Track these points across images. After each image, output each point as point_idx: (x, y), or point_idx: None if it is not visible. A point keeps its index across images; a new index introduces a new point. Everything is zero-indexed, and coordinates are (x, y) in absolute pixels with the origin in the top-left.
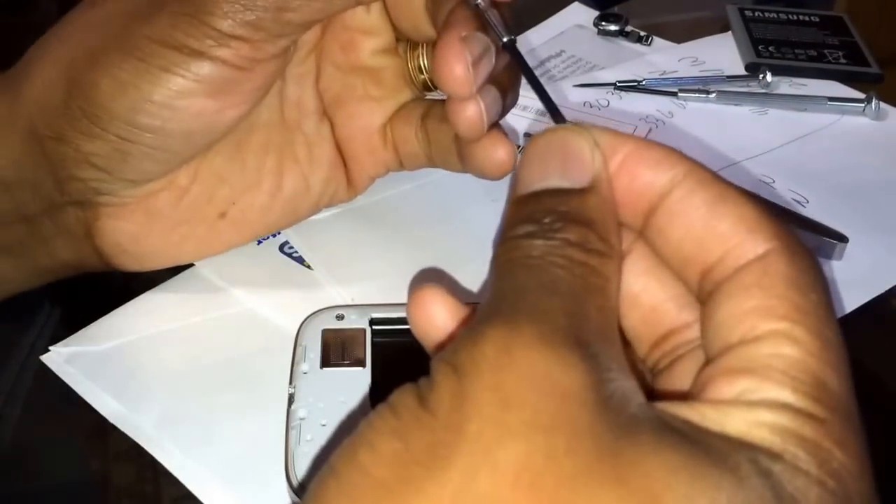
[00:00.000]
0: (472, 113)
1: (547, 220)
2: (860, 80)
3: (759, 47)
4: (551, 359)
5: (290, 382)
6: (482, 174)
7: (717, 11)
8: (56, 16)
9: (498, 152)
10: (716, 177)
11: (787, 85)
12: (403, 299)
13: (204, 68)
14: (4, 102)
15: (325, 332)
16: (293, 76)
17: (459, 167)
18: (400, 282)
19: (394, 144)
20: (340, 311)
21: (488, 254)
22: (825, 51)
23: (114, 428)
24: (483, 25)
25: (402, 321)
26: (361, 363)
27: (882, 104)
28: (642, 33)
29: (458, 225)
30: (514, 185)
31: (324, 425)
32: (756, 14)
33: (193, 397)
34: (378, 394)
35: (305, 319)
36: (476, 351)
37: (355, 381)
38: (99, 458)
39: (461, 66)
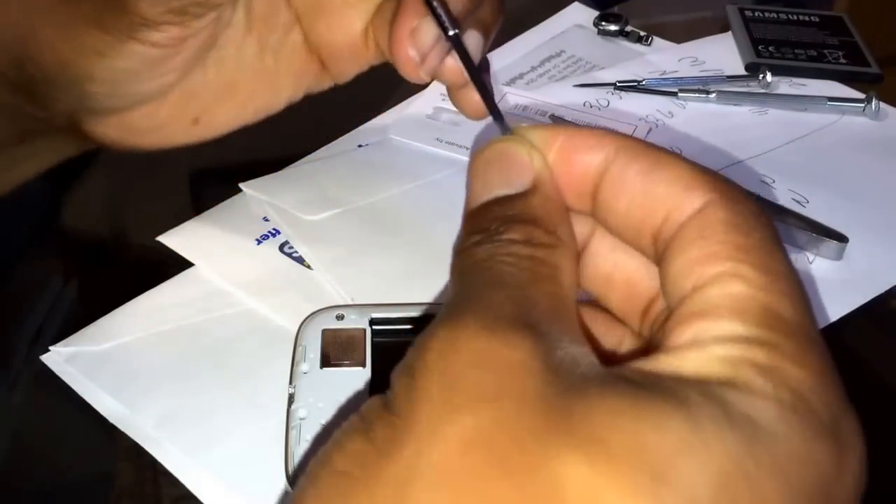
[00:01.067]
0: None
1: (493, 227)
2: (860, 80)
3: (759, 47)
4: (494, 341)
5: (290, 382)
6: (461, 112)
7: (717, 11)
8: None
9: (475, 96)
10: (648, 146)
11: (787, 85)
12: (403, 299)
13: (136, 50)
14: None
15: (325, 332)
16: None
17: None
18: (400, 282)
19: (376, 44)
20: (340, 311)
21: None
22: (825, 51)
23: (114, 428)
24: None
25: (402, 321)
26: (361, 363)
27: (882, 104)
28: (642, 33)
29: (458, 225)
30: (466, 203)
31: (324, 425)
32: (756, 14)
33: (193, 397)
34: (378, 393)
35: (305, 319)
36: (424, 350)
37: (355, 381)
38: (99, 458)
39: (413, 58)
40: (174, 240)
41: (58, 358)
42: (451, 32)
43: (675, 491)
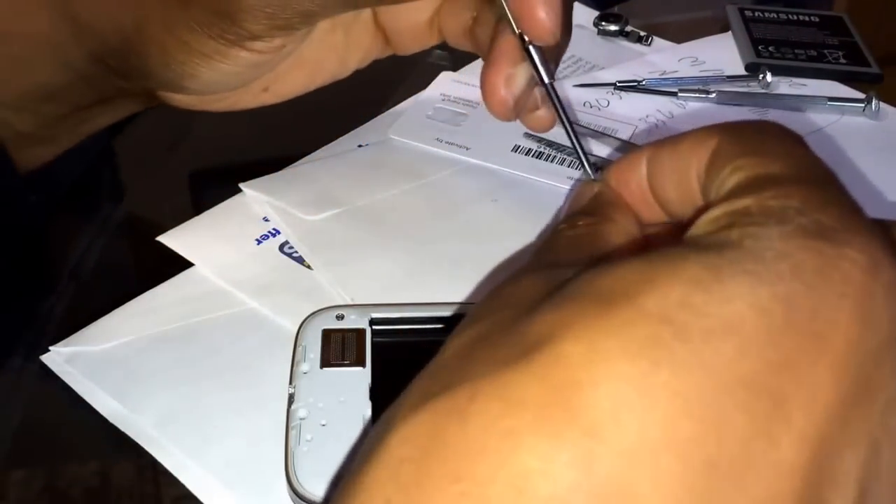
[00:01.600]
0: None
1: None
2: (860, 80)
3: (759, 47)
4: (520, 271)
5: (290, 382)
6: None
7: (717, 11)
8: None
9: (541, 121)
10: (669, 139)
11: (786, 85)
12: (403, 299)
13: (241, 56)
14: (69, 20)
15: (325, 331)
16: None
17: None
18: (400, 282)
19: (439, 30)
20: (340, 311)
21: (488, 253)
22: (825, 51)
23: (114, 428)
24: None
25: (402, 321)
26: (361, 363)
27: (882, 104)
28: (642, 33)
29: (459, 225)
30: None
31: (324, 425)
32: (756, 14)
33: (193, 397)
34: (378, 393)
35: (305, 319)
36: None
37: (355, 381)
38: (99, 458)
39: (507, 102)
40: (174, 240)
41: (57, 358)
42: (547, 81)
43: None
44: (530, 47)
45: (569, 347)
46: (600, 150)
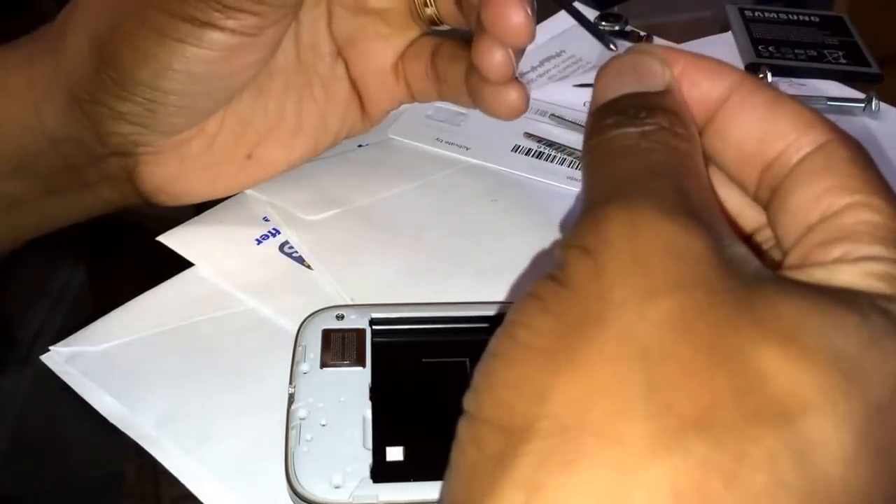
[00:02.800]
0: (501, 59)
1: (632, 111)
2: (860, 80)
3: (759, 47)
4: (675, 228)
5: (290, 382)
6: (495, 115)
7: (717, 11)
8: (55, 16)
9: (511, 94)
10: (768, 85)
11: (786, 85)
12: (403, 299)
13: (215, 37)
14: (48, 65)
15: (325, 331)
16: (307, 20)
17: (470, 104)
18: (400, 282)
19: (406, 81)
20: (340, 311)
21: (488, 253)
22: (825, 51)
23: (114, 428)
24: None
25: (402, 321)
26: (361, 363)
27: (882, 104)
28: (642, 33)
29: (458, 225)
30: (591, 103)
31: (324, 425)
32: (756, 14)
33: (193, 397)
34: (378, 393)
35: (305, 319)
36: (602, 230)
37: (355, 381)
38: (99, 458)
39: (522, 14)
40: (174, 240)
41: (58, 358)
42: None
43: (866, 394)
44: None
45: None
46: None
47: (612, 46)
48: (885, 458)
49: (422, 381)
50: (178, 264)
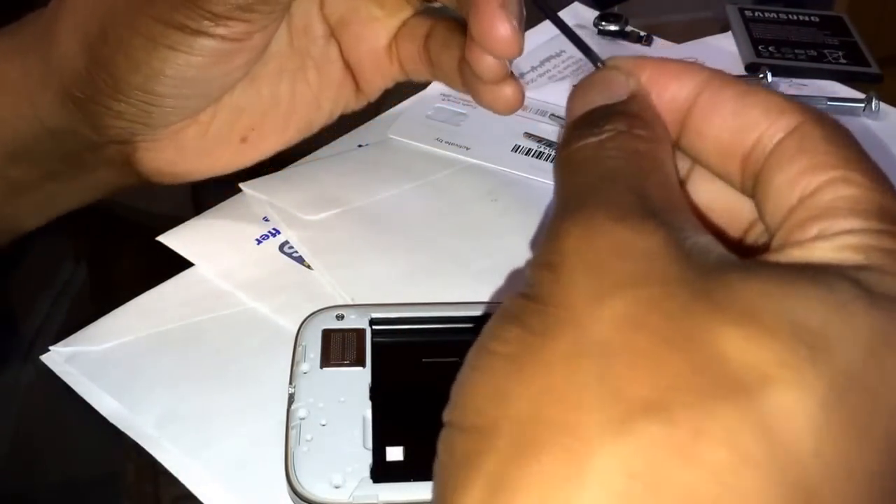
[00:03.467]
0: (492, 63)
1: (594, 122)
2: (860, 80)
3: (759, 47)
4: (626, 231)
5: (290, 382)
6: (490, 109)
7: (717, 11)
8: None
9: (505, 90)
10: (736, 78)
11: (786, 85)
12: (403, 299)
13: (206, 44)
14: (40, 60)
15: (325, 331)
16: (299, 4)
17: (462, 89)
18: (400, 282)
19: (399, 61)
20: (340, 311)
21: (488, 253)
22: (825, 51)
23: (114, 428)
24: None
25: (402, 321)
26: (361, 363)
27: (882, 104)
28: (642, 33)
29: (459, 225)
30: (565, 121)
31: (324, 425)
32: (756, 14)
33: (193, 397)
34: (378, 393)
35: (305, 319)
36: (560, 244)
37: (355, 381)
38: (99, 458)
39: (509, 29)
40: (174, 240)
41: (58, 358)
42: None
43: (831, 362)
44: None
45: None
46: None
47: (598, 64)
48: (862, 426)
49: (421, 381)
50: (179, 264)
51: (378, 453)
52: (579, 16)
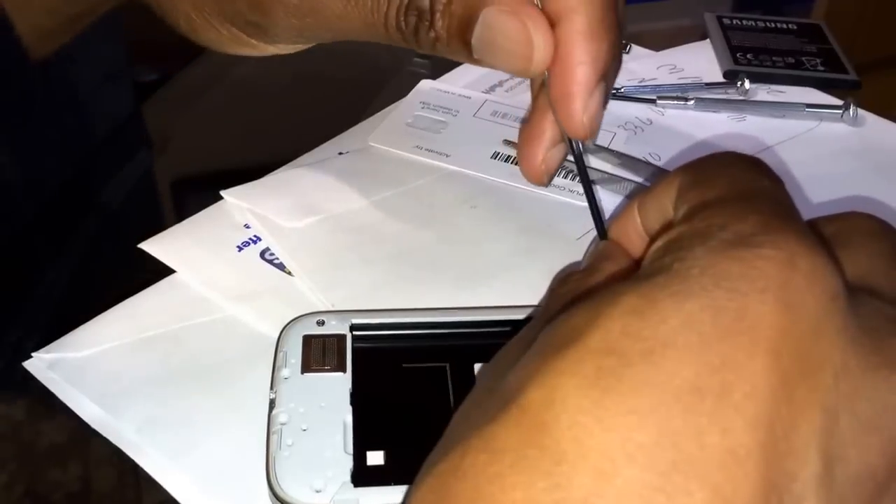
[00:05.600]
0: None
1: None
2: (838, 86)
3: (738, 55)
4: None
5: (271, 388)
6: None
7: (696, 19)
8: None
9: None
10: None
11: (765, 92)
12: (384, 305)
13: (266, 48)
14: None
15: (305, 337)
16: None
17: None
18: (380, 288)
19: None
20: (321, 317)
21: (468, 259)
22: (803, 58)
23: (95, 433)
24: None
25: (383, 327)
26: (342, 368)
27: (860, 110)
28: (623, 42)
29: (439, 231)
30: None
31: (304, 430)
32: (734, 22)
33: (175, 403)
34: (358, 398)
35: (286, 325)
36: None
37: (336, 386)
38: (80, 464)
39: (543, 174)
40: (155, 247)
41: (40, 364)
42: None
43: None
44: (576, 145)
45: (533, 394)
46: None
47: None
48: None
49: (402, 386)
50: (160, 271)
51: (359, 458)
52: None
